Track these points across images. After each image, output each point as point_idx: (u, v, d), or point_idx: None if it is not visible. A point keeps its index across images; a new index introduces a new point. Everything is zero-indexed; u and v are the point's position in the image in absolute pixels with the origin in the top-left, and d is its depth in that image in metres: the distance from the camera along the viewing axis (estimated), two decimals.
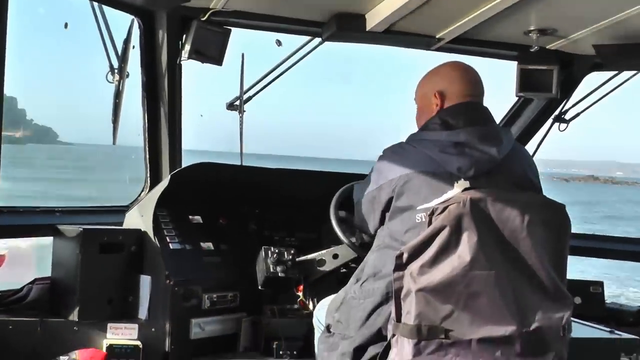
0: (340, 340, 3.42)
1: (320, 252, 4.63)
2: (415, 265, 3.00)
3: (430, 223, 3.02)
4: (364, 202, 3.58)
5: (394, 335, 3.06)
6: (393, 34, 5.21)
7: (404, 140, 3.53)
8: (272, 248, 4.73)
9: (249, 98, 5.67)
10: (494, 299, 2.99)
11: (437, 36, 5.32)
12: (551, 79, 5.58)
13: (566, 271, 3.22)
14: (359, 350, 3.32)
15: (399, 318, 3.03)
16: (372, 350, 3.27)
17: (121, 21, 5.08)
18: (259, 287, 4.50)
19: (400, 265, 3.03)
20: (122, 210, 4.90)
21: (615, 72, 5.91)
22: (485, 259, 2.98)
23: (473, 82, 3.59)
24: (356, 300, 3.41)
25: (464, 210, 2.98)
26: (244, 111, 5.64)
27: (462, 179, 3.25)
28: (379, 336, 3.25)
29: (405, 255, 3.02)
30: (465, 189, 3.11)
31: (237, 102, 5.63)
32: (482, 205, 3.02)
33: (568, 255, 3.21)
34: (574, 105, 6.10)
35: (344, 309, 3.48)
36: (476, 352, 3.00)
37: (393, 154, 3.50)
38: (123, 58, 5.01)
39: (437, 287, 2.96)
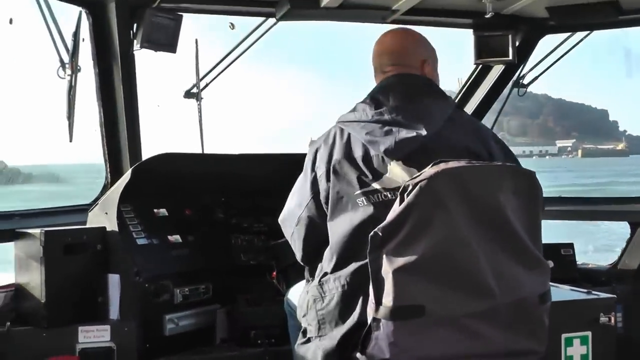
0: (320, 341, 3.10)
1: None
2: (390, 246, 2.76)
3: (402, 201, 2.76)
4: (300, 223, 3.29)
5: (374, 319, 2.81)
6: (348, 9, 4.97)
7: (334, 124, 3.26)
8: (241, 236, 4.54)
9: (207, 85, 5.42)
10: (473, 273, 2.79)
11: (392, 7, 5.08)
12: (507, 44, 5.45)
13: (541, 238, 3.04)
14: (343, 343, 3.02)
15: (378, 300, 2.78)
16: (355, 339, 2.97)
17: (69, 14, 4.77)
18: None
19: (376, 247, 2.78)
20: (84, 209, 4.54)
21: (569, 33, 5.80)
22: (461, 233, 2.78)
23: (400, 50, 3.32)
24: (320, 301, 3.10)
25: (434, 186, 2.74)
26: (202, 98, 5.39)
27: (394, 160, 3.02)
28: (360, 324, 2.95)
29: (379, 236, 2.77)
30: (435, 163, 2.83)
31: (195, 90, 5.38)
32: (453, 179, 2.78)
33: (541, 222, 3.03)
34: (531, 70, 5.99)
35: (311, 313, 3.15)
36: (459, 328, 2.80)
37: (322, 145, 3.22)
38: (74, 52, 4.68)
39: (414, 266, 2.73)
